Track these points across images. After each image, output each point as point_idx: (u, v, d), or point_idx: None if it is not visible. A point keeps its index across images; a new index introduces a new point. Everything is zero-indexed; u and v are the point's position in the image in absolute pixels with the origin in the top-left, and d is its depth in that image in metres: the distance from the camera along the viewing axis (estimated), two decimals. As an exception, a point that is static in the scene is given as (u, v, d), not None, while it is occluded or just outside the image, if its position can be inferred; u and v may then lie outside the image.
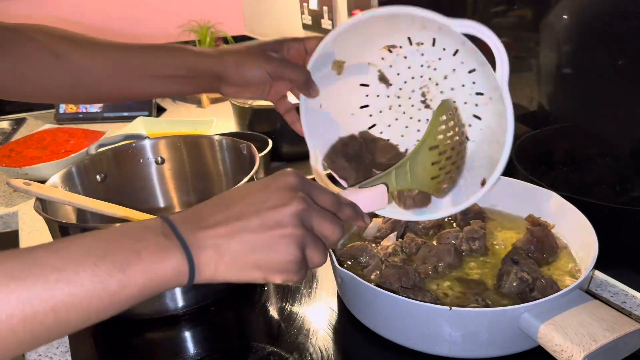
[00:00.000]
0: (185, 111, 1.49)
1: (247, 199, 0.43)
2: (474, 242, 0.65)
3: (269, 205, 0.42)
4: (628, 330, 0.46)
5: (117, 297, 0.37)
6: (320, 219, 0.44)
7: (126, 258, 0.37)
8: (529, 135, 0.74)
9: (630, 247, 0.63)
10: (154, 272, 0.38)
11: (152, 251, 0.38)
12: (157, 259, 0.38)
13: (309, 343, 0.59)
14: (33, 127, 1.39)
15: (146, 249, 0.38)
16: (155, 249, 0.38)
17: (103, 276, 0.36)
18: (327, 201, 0.46)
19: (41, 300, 0.34)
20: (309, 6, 1.23)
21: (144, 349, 0.63)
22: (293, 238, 0.42)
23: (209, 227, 0.41)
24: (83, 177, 0.77)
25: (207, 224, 0.41)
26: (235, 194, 0.44)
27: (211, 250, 0.40)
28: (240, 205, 0.42)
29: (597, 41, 0.64)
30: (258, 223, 0.41)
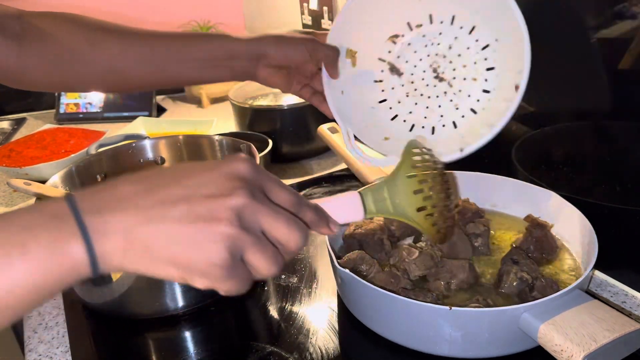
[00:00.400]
0: (185, 111, 1.49)
1: (181, 180, 0.36)
2: (477, 239, 0.65)
3: (205, 193, 0.35)
4: (628, 330, 0.46)
5: (6, 301, 0.31)
6: (273, 220, 0.37)
7: (8, 253, 0.31)
8: (529, 135, 0.74)
9: (630, 247, 0.63)
10: (46, 269, 0.32)
11: (41, 242, 0.32)
12: (48, 251, 0.32)
13: (309, 343, 0.59)
14: (33, 127, 1.39)
15: (35, 238, 0.32)
16: (47, 237, 0.32)
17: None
18: (286, 199, 0.39)
19: None
20: (309, 6, 1.23)
21: (144, 349, 0.63)
22: (224, 237, 0.34)
23: (122, 210, 0.34)
24: (83, 177, 0.77)
25: (120, 206, 0.34)
26: (170, 173, 0.37)
27: (119, 236, 0.33)
28: (170, 188, 0.35)
29: (596, 41, 0.64)
30: (184, 211, 0.34)
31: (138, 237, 0.34)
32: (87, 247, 0.33)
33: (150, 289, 0.63)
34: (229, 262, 0.35)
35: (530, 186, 0.70)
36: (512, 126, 0.76)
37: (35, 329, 0.66)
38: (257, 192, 0.37)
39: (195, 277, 0.35)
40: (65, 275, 0.33)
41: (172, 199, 0.35)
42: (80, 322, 0.66)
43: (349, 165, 0.89)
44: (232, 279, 0.36)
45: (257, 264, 0.37)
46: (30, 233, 0.32)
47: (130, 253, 0.34)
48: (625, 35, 0.59)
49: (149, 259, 0.34)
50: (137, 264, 0.34)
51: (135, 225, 0.34)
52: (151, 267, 0.34)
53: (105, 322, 0.66)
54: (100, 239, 0.33)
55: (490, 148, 0.81)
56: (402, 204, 0.49)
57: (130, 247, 0.34)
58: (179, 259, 0.34)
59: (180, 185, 0.36)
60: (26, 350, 0.62)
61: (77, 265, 0.33)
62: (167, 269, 0.35)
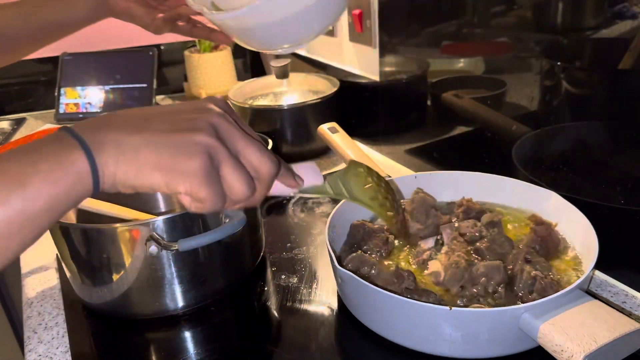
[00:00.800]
0: (185, 111, 1.48)
1: (163, 111, 0.41)
2: (493, 229, 0.65)
3: (187, 113, 0.40)
4: (628, 330, 0.46)
5: (26, 215, 0.35)
6: (246, 143, 0.41)
7: (22, 171, 0.35)
8: (529, 135, 0.74)
9: (630, 247, 0.63)
10: (55, 177, 0.35)
11: (50, 158, 0.36)
12: (56, 163, 0.36)
13: (309, 343, 0.59)
14: (33, 127, 1.39)
15: (43, 157, 0.36)
16: (53, 154, 0.36)
17: (2, 195, 0.34)
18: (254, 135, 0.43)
19: None
20: (309, 6, 1.23)
21: (144, 349, 0.63)
22: (203, 143, 0.38)
23: (113, 128, 0.38)
24: (83, 177, 0.77)
25: (111, 126, 0.38)
26: (153, 108, 0.42)
27: (111, 146, 0.37)
28: (156, 111, 0.40)
29: (596, 41, 0.64)
30: (168, 124, 0.39)
31: (128, 145, 0.37)
32: (87, 155, 0.36)
33: (150, 289, 0.63)
34: (208, 166, 0.38)
35: (531, 186, 0.70)
36: (512, 126, 0.77)
37: (35, 329, 0.66)
38: (232, 121, 0.41)
39: (178, 180, 0.38)
40: (72, 187, 0.36)
41: (158, 117, 0.39)
42: (80, 322, 0.66)
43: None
44: (210, 186, 0.38)
45: (232, 180, 0.39)
46: (38, 155, 0.36)
47: (121, 160, 0.37)
48: (625, 35, 0.59)
49: (136, 165, 0.37)
50: (127, 173, 0.37)
51: (125, 136, 0.38)
52: (140, 175, 0.38)
53: (105, 322, 0.66)
54: (97, 151, 0.37)
55: (491, 148, 0.81)
56: (356, 194, 0.52)
57: (122, 155, 0.37)
58: (163, 163, 0.38)
59: (162, 112, 0.40)
60: (26, 351, 0.62)
61: (81, 175, 0.36)
62: (153, 175, 0.38)
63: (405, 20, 0.94)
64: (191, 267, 0.63)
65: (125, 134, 0.38)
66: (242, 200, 0.41)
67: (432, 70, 0.91)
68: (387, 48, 1.00)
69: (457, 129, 0.89)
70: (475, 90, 0.84)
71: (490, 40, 0.79)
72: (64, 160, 0.36)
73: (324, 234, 0.63)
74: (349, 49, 1.14)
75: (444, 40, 0.86)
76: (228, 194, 0.40)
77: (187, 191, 0.38)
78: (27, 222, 0.35)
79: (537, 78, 0.71)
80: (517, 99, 0.75)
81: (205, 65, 1.44)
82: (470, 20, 0.80)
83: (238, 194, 0.40)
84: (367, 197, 0.53)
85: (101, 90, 1.46)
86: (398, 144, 1.04)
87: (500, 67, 0.78)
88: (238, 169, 0.40)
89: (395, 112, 1.04)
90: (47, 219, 0.36)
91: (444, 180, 0.76)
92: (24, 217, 0.35)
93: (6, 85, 1.54)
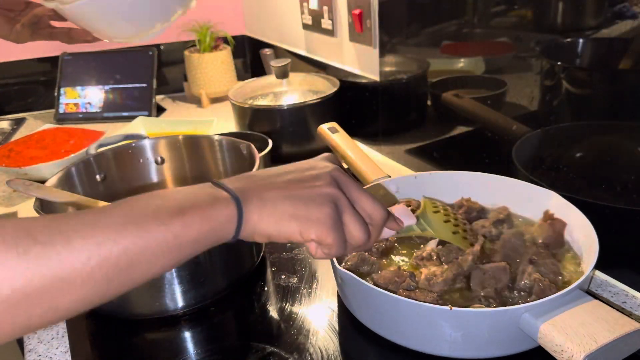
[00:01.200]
0: (185, 111, 1.49)
1: (289, 169, 0.47)
2: (502, 225, 0.66)
3: (308, 174, 0.46)
4: (628, 330, 0.46)
5: (179, 240, 0.39)
6: (360, 193, 0.47)
7: (182, 204, 0.40)
8: (529, 135, 0.74)
9: (630, 247, 0.63)
10: (209, 214, 0.40)
11: (205, 200, 0.41)
12: (210, 205, 0.41)
13: (309, 343, 0.59)
14: (33, 127, 1.39)
15: (199, 198, 0.41)
16: (208, 198, 0.41)
17: (164, 218, 0.38)
18: (365, 190, 0.48)
19: (113, 242, 0.36)
20: (309, 6, 1.23)
21: (144, 349, 0.63)
22: (329, 194, 0.44)
23: (255, 186, 0.44)
24: (83, 177, 0.77)
25: (252, 183, 0.44)
26: (280, 167, 0.48)
27: (255, 198, 0.43)
28: (282, 172, 0.46)
29: (597, 41, 0.64)
30: (297, 181, 0.45)
31: (268, 199, 0.43)
32: (236, 204, 0.42)
33: (149, 289, 0.63)
34: (334, 213, 0.44)
35: (531, 186, 0.70)
36: (512, 126, 0.77)
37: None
38: (345, 173, 0.48)
39: (311, 227, 0.43)
40: (219, 227, 0.41)
41: (287, 174, 0.46)
42: (79, 322, 0.66)
43: (349, 165, 0.89)
44: (336, 232, 0.44)
45: (352, 226, 0.45)
46: (194, 197, 0.41)
47: (263, 212, 0.43)
48: (626, 35, 0.59)
49: (275, 216, 0.43)
50: (268, 222, 0.43)
51: (265, 191, 0.44)
52: (279, 223, 0.43)
53: (104, 322, 0.66)
54: (243, 200, 0.42)
55: (491, 148, 0.81)
56: (438, 228, 0.59)
57: (264, 207, 0.43)
58: (298, 213, 0.43)
59: (291, 167, 0.48)
60: (25, 351, 0.62)
61: (229, 219, 0.41)
62: (290, 224, 0.43)
63: (405, 20, 0.94)
64: (191, 267, 0.63)
65: (265, 189, 0.44)
66: (360, 245, 0.47)
67: (432, 70, 0.91)
68: (387, 48, 1.00)
69: (457, 129, 0.89)
70: (476, 90, 0.84)
71: (490, 40, 0.79)
72: (217, 204, 0.41)
73: (324, 234, 0.63)
74: (349, 49, 1.14)
75: (444, 40, 0.86)
76: (348, 239, 0.46)
77: (318, 237, 0.44)
78: (175, 248, 0.39)
79: (537, 78, 0.71)
80: (517, 99, 0.75)
81: (205, 65, 1.44)
82: (471, 20, 0.80)
83: (357, 238, 0.46)
84: (449, 232, 0.60)
85: (101, 90, 1.46)
86: (398, 144, 1.04)
87: (501, 67, 0.78)
88: (356, 216, 0.45)
89: (395, 112, 1.04)
90: (190, 251, 0.40)
91: (444, 180, 0.76)
92: (177, 241, 0.39)
93: (6, 85, 1.54)
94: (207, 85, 1.46)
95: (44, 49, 1.53)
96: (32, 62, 1.54)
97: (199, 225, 0.40)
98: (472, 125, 0.86)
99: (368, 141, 1.13)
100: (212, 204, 0.41)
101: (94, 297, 0.36)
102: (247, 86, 1.19)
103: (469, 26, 0.81)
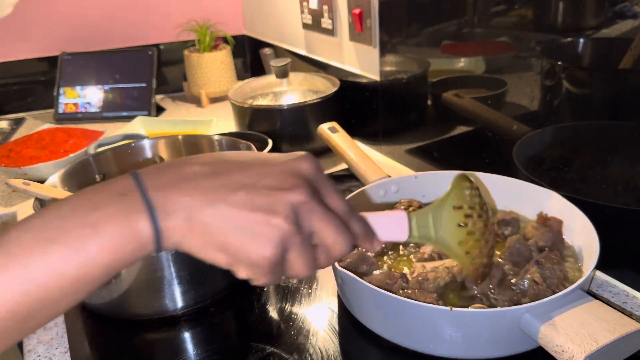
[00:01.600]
0: (185, 111, 1.48)
1: (245, 169, 0.37)
2: (507, 227, 0.66)
3: (267, 184, 0.36)
4: (629, 331, 0.46)
5: (80, 282, 0.33)
6: (325, 224, 0.37)
7: (81, 236, 0.33)
8: (529, 135, 0.74)
9: (631, 247, 0.63)
10: (115, 247, 0.33)
11: (111, 220, 0.33)
12: (117, 229, 0.33)
13: (309, 343, 0.59)
14: (32, 127, 1.39)
15: (104, 218, 0.33)
16: (115, 216, 0.33)
17: (57, 264, 0.32)
18: (339, 205, 0.39)
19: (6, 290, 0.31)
20: (309, 5, 1.23)
21: (144, 349, 0.63)
22: (279, 231, 0.35)
23: (185, 190, 0.35)
24: (82, 177, 0.77)
25: (184, 186, 0.35)
26: (235, 159, 0.38)
27: (181, 215, 0.34)
28: (233, 174, 0.36)
29: (597, 41, 0.64)
30: (245, 199, 0.35)
31: (198, 218, 0.34)
32: (152, 224, 0.34)
33: (149, 289, 0.63)
34: (276, 257, 0.35)
35: (531, 186, 0.70)
36: (512, 126, 0.76)
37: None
38: (314, 192, 0.37)
39: (242, 267, 0.36)
40: (132, 251, 0.34)
41: (235, 185, 0.35)
42: (79, 323, 0.66)
43: (349, 165, 0.89)
44: (272, 274, 0.36)
45: (296, 264, 0.37)
46: (101, 212, 0.33)
47: (188, 234, 0.35)
48: (626, 35, 0.59)
49: (203, 241, 0.35)
50: (192, 245, 0.35)
51: (196, 205, 0.34)
52: (203, 251, 0.35)
53: (104, 323, 0.66)
54: (164, 217, 0.34)
55: (491, 148, 0.81)
56: (444, 234, 0.47)
57: (190, 229, 0.35)
58: (232, 247, 0.35)
59: (244, 173, 0.36)
60: (25, 351, 0.62)
61: (143, 242, 0.34)
62: (218, 255, 0.35)
63: (405, 20, 0.94)
64: (191, 268, 0.63)
65: (198, 202, 0.34)
66: (299, 277, 0.39)
67: (433, 70, 0.91)
68: (387, 48, 0.99)
69: (458, 129, 0.89)
70: (476, 90, 0.84)
71: (490, 40, 0.78)
72: (127, 229, 0.33)
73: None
74: (349, 49, 1.14)
75: (445, 40, 0.86)
76: (286, 270, 0.37)
77: (246, 277, 0.37)
78: (80, 287, 0.33)
79: (537, 78, 0.71)
80: (517, 99, 0.75)
81: (205, 64, 1.44)
82: (471, 19, 0.80)
83: (297, 273, 0.38)
84: (455, 240, 0.48)
85: (100, 90, 1.46)
86: (398, 144, 1.04)
87: (501, 67, 0.78)
88: (305, 254, 0.37)
89: (396, 112, 1.03)
90: (99, 282, 0.34)
91: (444, 180, 0.76)
92: (79, 283, 0.33)
93: (5, 85, 1.54)
94: (206, 85, 1.46)
95: (43, 49, 1.53)
96: (32, 62, 1.53)
97: (104, 260, 0.33)
98: (472, 125, 0.86)
99: (368, 141, 1.13)
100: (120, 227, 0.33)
101: None
102: (247, 86, 1.19)
103: (469, 26, 0.81)
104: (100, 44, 1.54)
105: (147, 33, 1.59)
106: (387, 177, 0.77)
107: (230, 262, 0.36)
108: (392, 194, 0.75)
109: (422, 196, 0.75)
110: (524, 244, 0.62)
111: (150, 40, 1.58)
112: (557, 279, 0.56)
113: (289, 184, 0.36)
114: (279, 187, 0.36)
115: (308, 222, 0.37)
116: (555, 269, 0.57)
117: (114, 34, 1.57)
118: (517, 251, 0.61)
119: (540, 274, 0.57)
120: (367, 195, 0.73)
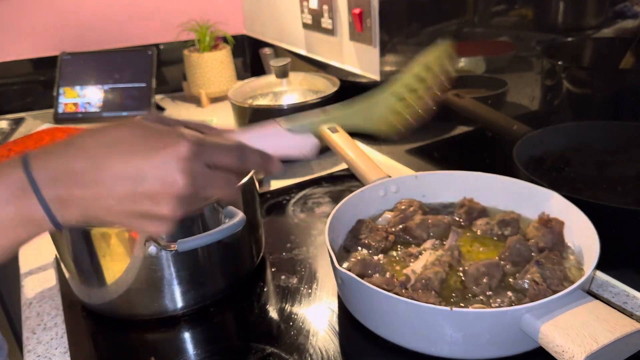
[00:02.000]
0: (185, 111, 1.48)
1: (124, 167, 0.39)
2: (506, 228, 0.66)
3: (146, 192, 0.39)
4: (629, 331, 0.46)
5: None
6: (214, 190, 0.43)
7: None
8: (530, 135, 0.74)
9: (631, 247, 0.63)
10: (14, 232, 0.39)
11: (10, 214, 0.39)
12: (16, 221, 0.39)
13: (309, 344, 0.59)
14: (32, 127, 1.39)
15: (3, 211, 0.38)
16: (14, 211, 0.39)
17: None
18: (228, 161, 0.43)
19: None
20: (309, 5, 1.22)
21: (143, 349, 0.63)
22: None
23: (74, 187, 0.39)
24: (82, 177, 0.77)
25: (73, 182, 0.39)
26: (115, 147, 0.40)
27: (75, 209, 0.40)
28: (115, 168, 0.39)
29: (597, 41, 0.64)
30: (129, 209, 0.40)
31: (91, 213, 0.40)
32: (49, 217, 0.39)
33: (149, 289, 0.63)
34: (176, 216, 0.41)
35: (532, 186, 0.70)
36: (513, 126, 0.76)
37: (34, 330, 0.65)
38: (198, 173, 0.40)
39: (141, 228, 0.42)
40: (29, 235, 0.40)
41: (119, 191, 0.39)
42: (79, 323, 0.66)
43: (349, 165, 0.89)
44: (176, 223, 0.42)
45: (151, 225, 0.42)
46: None
47: (84, 216, 0.40)
48: (627, 35, 0.59)
49: (101, 222, 0.41)
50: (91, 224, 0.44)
51: (87, 201, 0.39)
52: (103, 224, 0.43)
53: (104, 323, 0.66)
54: (59, 210, 0.39)
55: (492, 148, 0.81)
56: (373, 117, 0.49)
57: (86, 215, 0.40)
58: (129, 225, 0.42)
59: (122, 177, 0.39)
60: (25, 351, 0.62)
61: (41, 224, 0.39)
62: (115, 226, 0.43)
63: (405, 20, 0.94)
64: (190, 268, 0.63)
65: (88, 199, 0.39)
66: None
67: (433, 70, 0.91)
68: (387, 47, 0.99)
69: (458, 129, 0.89)
70: (476, 90, 0.84)
71: (490, 40, 0.78)
72: (26, 219, 0.39)
73: (324, 234, 0.63)
74: (349, 49, 1.14)
75: (445, 40, 0.86)
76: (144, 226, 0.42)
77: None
78: None
79: (538, 77, 0.71)
80: (518, 99, 0.74)
81: (205, 64, 1.44)
82: (471, 19, 0.80)
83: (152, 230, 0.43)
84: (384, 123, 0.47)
85: (100, 89, 1.46)
86: (398, 144, 1.04)
87: (501, 67, 0.78)
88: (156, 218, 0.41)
89: (395, 111, 1.03)
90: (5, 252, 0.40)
91: (444, 180, 0.76)
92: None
93: (5, 85, 1.54)
94: (206, 84, 1.46)
95: (43, 49, 1.52)
96: (31, 61, 1.53)
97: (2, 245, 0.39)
98: (472, 125, 0.85)
99: (368, 141, 1.13)
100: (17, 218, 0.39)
101: None
102: (247, 86, 1.19)
103: (469, 25, 0.80)
104: (100, 43, 1.55)
105: (147, 33, 1.59)
106: (387, 177, 0.77)
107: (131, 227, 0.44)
108: (392, 194, 0.75)
109: (422, 196, 0.75)
110: (524, 244, 0.62)
111: (150, 40, 1.58)
112: (558, 279, 0.56)
113: (169, 181, 0.39)
114: (160, 190, 0.39)
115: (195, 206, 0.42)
116: (556, 269, 0.57)
117: (114, 33, 1.57)
118: (517, 251, 0.61)
119: (541, 274, 0.57)
120: (367, 195, 0.73)
